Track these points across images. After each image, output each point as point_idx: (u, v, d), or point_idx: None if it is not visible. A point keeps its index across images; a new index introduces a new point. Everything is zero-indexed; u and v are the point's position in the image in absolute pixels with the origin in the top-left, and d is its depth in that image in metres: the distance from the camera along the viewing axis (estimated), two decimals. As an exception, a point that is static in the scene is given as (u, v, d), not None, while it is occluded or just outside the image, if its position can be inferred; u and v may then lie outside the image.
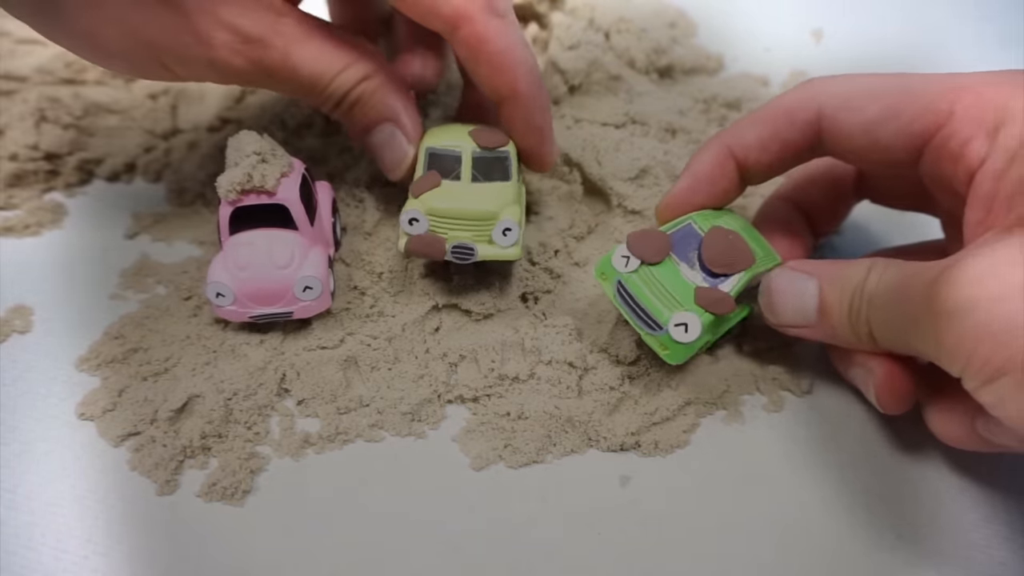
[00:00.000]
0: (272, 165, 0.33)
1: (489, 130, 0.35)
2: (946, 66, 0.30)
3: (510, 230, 0.33)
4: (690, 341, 0.30)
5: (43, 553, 0.29)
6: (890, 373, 0.30)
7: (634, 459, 0.32)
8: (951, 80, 0.28)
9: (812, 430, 0.33)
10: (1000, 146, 0.27)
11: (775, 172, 0.33)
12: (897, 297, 0.27)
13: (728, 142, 0.33)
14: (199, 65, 0.32)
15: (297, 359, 0.34)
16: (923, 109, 0.28)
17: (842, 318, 0.29)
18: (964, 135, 0.27)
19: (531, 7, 0.49)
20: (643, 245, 0.31)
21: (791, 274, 0.31)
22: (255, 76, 0.32)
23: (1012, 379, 0.23)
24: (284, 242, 0.33)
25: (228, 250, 0.33)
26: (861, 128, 0.30)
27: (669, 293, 0.31)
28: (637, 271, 0.31)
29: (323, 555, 0.29)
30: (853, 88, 0.30)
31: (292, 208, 0.33)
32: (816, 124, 0.31)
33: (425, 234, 0.33)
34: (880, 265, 0.28)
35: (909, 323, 0.27)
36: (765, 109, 0.32)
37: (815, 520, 0.30)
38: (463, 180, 0.34)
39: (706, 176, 0.33)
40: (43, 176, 0.41)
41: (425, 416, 0.33)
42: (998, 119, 0.27)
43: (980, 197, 0.27)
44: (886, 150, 0.30)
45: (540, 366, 0.34)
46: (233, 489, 0.30)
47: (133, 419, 0.32)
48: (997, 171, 0.27)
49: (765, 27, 0.53)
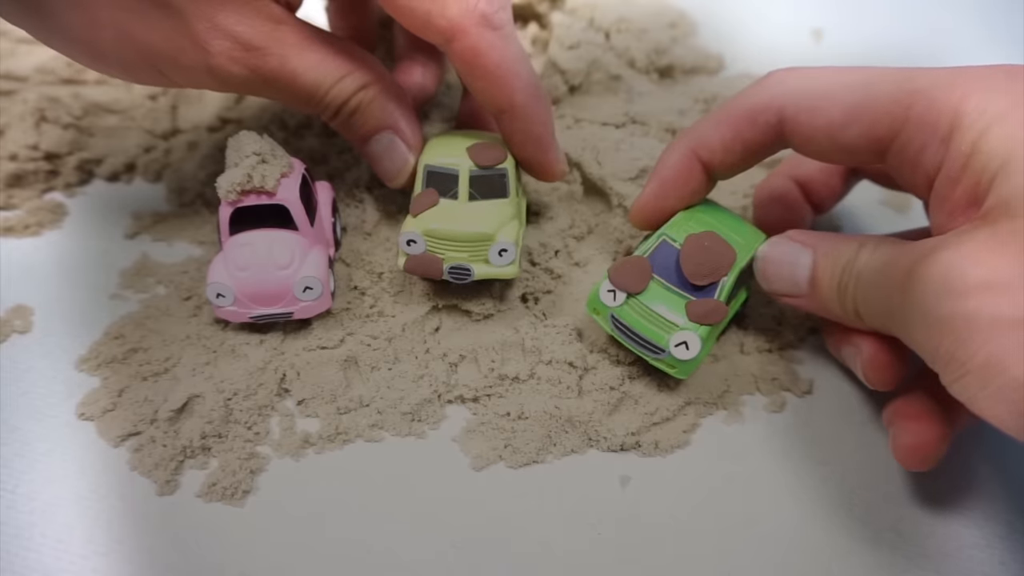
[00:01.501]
0: (272, 165, 0.33)
1: (487, 146, 0.35)
2: (945, 66, 0.30)
3: (506, 251, 0.33)
4: (692, 357, 0.31)
5: (43, 553, 0.29)
6: (878, 350, 0.30)
7: (634, 459, 0.32)
8: (907, 81, 0.28)
9: (812, 430, 0.33)
10: (953, 152, 0.26)
11: (743, 168, 0.33)
12: (881, 279, 0.27)
13: (692, 145, 0.33)
14: (196, 72, 0.31)
15: (297, 359, 0.34)
16: (881, 113, 0.28)
17: (831, 292, 0.29)
18: (918, 143, 0.27)
19: (531, 7, 0.49)
20: (625, 277, 0.32)
21: (787, 244, 0.31)
22: (253, 84, 0.32)
23: (975, 377, 0.23)
24: (284, 242, 0.33)
25: (228, 250, 0.33)
26: (823, 131, 0.29)
27: (662, 317, 0.31)
28: (627, 303, 0.32)
29: (323, 555, 0.29)
30: (814, 87, 0.30)
31: (292, 208, 0.33)
32: (778, 126, 0.30)
33: (423, 254, 0.34)
34: (872, 243, 0.28)
35: (889, 306, 0.27)
36: (727, 109, 0.32)
37: (815, 520, 0.30)
38: (460, 199, 0.34)
39: (672, 179, 0.33)
40: (43, 176, 0.41)
41: (425, 416, 0.33)
42: (951, 124, 0.26)
43: (940, 202, 0.27)
44: (850, 152, 0.29)
45: (540, 366, 0.34)
46: (233, 489, 0.30)
47: (133, 419, 0.32)
48: (952, 178, 0.26)
49: (765, 27, 0.53)
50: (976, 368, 0.23)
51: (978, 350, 0.23)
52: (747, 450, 0.32)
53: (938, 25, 0.54)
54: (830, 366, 0.35)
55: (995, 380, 0.23)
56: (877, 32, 0.53)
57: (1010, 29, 0.53)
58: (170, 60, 0.31)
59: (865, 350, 0.31)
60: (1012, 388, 0.23)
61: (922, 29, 0.54)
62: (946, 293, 0.24)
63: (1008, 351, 0.23)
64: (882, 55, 0.51)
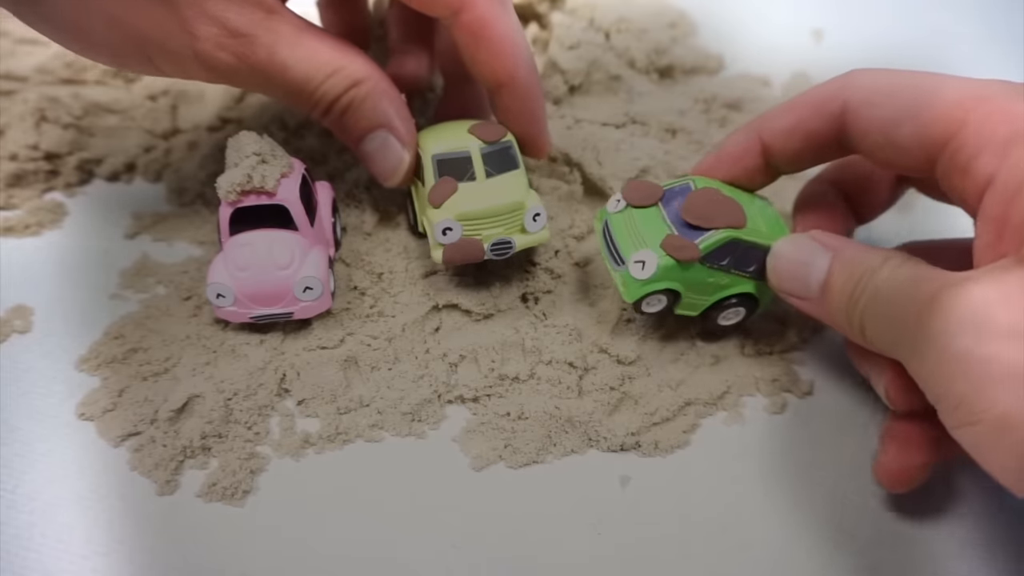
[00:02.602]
0: (272, 166, 0.33)
1: (486, 124, 0.35)
2: (945, 66, 0.29)
3: (539, 214, 0.34)
4: (645, 278, 0.31)
5: (43, 553, 0.29)
6: (901, 371, 0.28)
7: (634, 459, 0.32)
8: (974, 87, 0.27)
9: (812, 431, 0.33)
10: (1011, 166, 0.25)
11: (805, 162, 0.33)
12: (900, 298, 0.26)
13: (758, 126, 0.32)
14: (184, 59, 0.31)
15: (297, 359, 0.34)
16: (940, 114, 0.27)
17: (841, 302, 0.28)
18: (972, 148, 0.26)
19: (531, 7, 0.49)
20: (635, 191, 0.33)
21: (807, 242, 0.30)
22: (241, 74, 0.32)
23: (986, 429, 0.22)
24: (284, 243, 0.33)
25: (228, 251, 0.33)
26: (879, 125, 0.28)
27: (641, 234, 0.32)
28: (622, 212, 0.33)
29: (323, 555, 0.29)
30: (880, 83, 0.29)
31: (292, 208, 0.33)
32: (840, 116, 0.30)
33: (460, 240, 0.34)
34: (896, 260, 0.27)
35: (900, 331, 0.26)
36: (799, 97, 0.32)
37: (815, 521, 0.30)
38: (479, 179, 0.34)
39: (730, 154, 0.33)
40: (43, 176, 0.41)
41: (425, 416, 0.33)
42: (1011, 135, 0.25)
43: (990, 219, 0.25)
44: (903, 152, 0.28)
45: (540, 366, 0.34)
46: (233, 489, 0.30)
47: (133, 419, 0.32)
48: (1008, 193, 0.25)
49: (765, 27, 0.53)
50: (990, 420, 0.22)
51: (996, 402, 0.22)
52: (747, 451, 0.32)
53: (938, 25, 0.54)
54: (831, 368, 0.35)
55: (1009, 436, 0.22)
56: (877, 32, 0.53)
57: (1010, 29, 0.53)
58: (158, 46, 0.31)
59: (888, 372, 0.29)
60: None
61: (922, 29, 0.54)
62: (970, 331, 0.22)
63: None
64: (882, 55, 0.51)
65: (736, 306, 0.34)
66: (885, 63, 0.30)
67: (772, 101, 0.47)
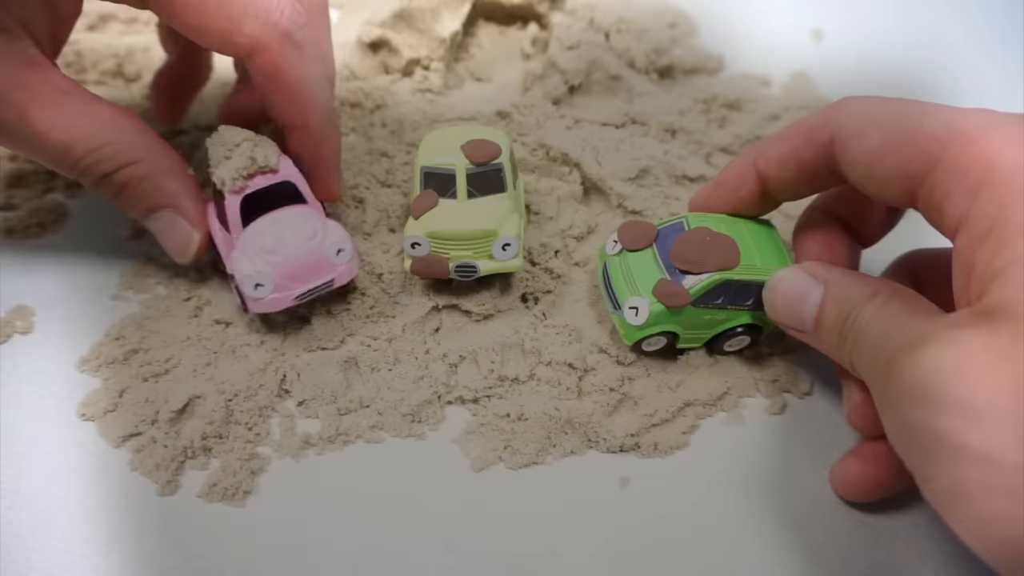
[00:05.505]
0: (265, 145, 0.33)
1: (482, 143, 0.35)
2: (945, 66, 0.29)
3: (509, 245, 0.34)
4: (639, 324, 0.32)
5: (44, 554, 0.29)
6: (867, 400, 0.29)
7: (634, 460, 0.32)
8: (954, 119, 0.25)
9: (812, 432, 0.33)
10: (978, 213, 0.24)
11: (801, 191, 0.32)
12: (872, 351, 0.26)
13: (755, 155, 0.32)
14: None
15: (297, 360, 0.34)
16: (919, 149, 0.26)
17: (832, 337, 0.28)
18: (944, 188, 0.25)
19: (531, 7, 0.49)
20: (629, 234, 0.34)
21: (800, 276, 0.30)
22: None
23: (940, 498, 0.22)
24: (303, 216, 0.33)
25: (247, 242, 0.32)
26: (864, 158, 0.28)
27: (635, 279, 0.33)
28: (619, 255, 0.34)
29: (323, 555, 0.29)
30: (869, 113, 0.28)
31: (298, 182, 0.33)
32: (829, 146, 0.29)
33: (428, 256, 0.34)
34: (882, 297, 0.26)
35: (872, 383, 0.26)
36: (793, 125, 0.31)
37: (814, 522, 0.30)
38: (459, 198, 0.34)
39: (728, 182, 0.33)
40: (43, 176, 0.41)
41: (425, 417, 0.33)
42: (980, 177, 0.24)
43: (960, 263, 0.25)
44: (884, 185, 0.27)
45: (540, 367, 0.34)
46: (234, 490, 0.30)
47: (134, 420, 0.32)
48: (976, 239, 0.24)
49: (765, 27, 0.53)
50: (941, 491, 0.22)
51: (944, 474, 0.22)
52: (747, 451, 0.33)
53: (938, 25, 0.54)
54: (831, 369, 0.35)
55: (959, 511, 0.22)
56: (877, 32, 0.53)
57: (1010, 29, 0.53)
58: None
59: (854, 396, 0.30)
60: (976, 522, 0.21)
61: (922, 29, 0.54)
62: (922, 401, 0.22)
63: (973, 484, 0.21)
64: (882, 55, 0.51)
65: (741, 335, 0.34)
66: (885, 63, 0.30)
67: (772, 101, 0.47)
